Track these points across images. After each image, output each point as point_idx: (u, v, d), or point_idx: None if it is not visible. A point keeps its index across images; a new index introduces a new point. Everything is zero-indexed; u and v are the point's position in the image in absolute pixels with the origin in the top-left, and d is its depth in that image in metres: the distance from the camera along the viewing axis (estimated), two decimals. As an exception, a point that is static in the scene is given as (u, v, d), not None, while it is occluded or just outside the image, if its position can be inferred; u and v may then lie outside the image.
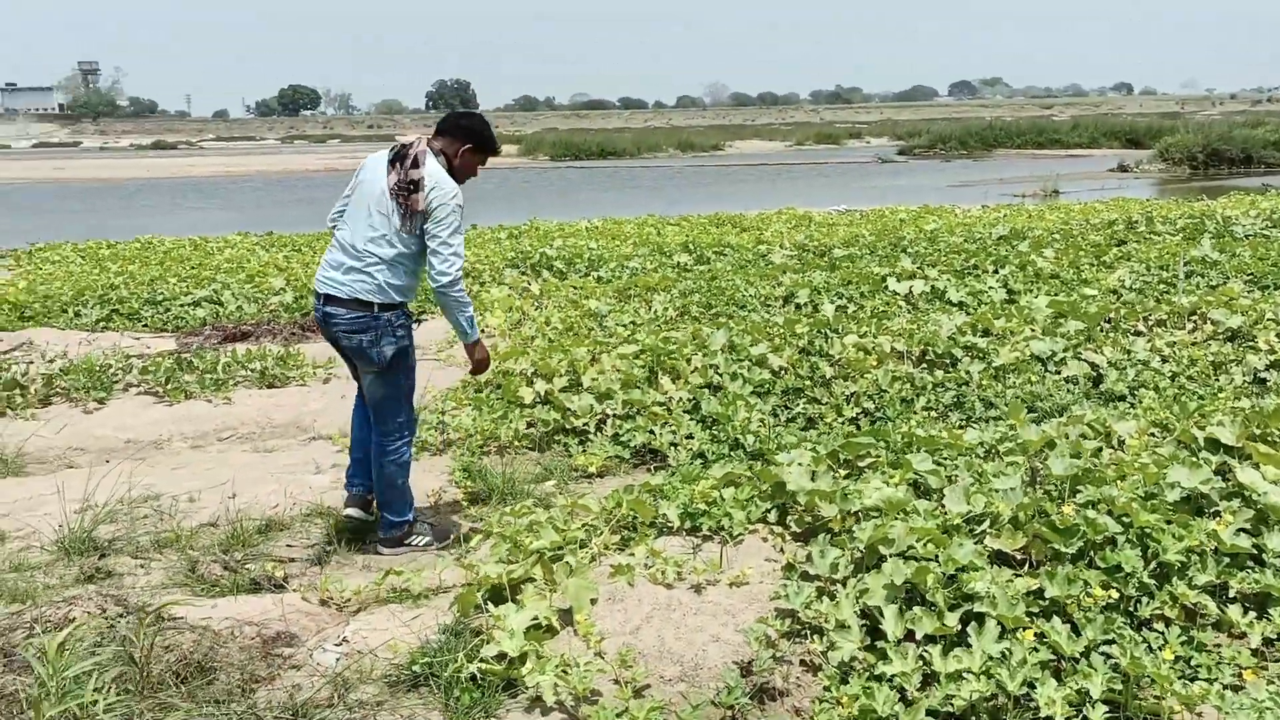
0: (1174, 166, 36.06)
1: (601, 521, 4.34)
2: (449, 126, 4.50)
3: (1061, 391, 6.13)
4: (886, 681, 3.21)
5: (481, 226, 16.86)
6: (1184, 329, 7.20)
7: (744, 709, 3.24)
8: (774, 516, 4.31)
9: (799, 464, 4.50)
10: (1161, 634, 3.37)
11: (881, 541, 3.68)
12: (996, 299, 8.86)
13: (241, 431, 6.45)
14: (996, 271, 9.70)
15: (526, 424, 6.01)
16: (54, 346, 8.28)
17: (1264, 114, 62.64)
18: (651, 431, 5.73)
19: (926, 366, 6.55)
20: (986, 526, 3.80)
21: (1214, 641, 3.40)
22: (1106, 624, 3.33)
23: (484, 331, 8.70)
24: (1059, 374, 6.47)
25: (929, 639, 3.31)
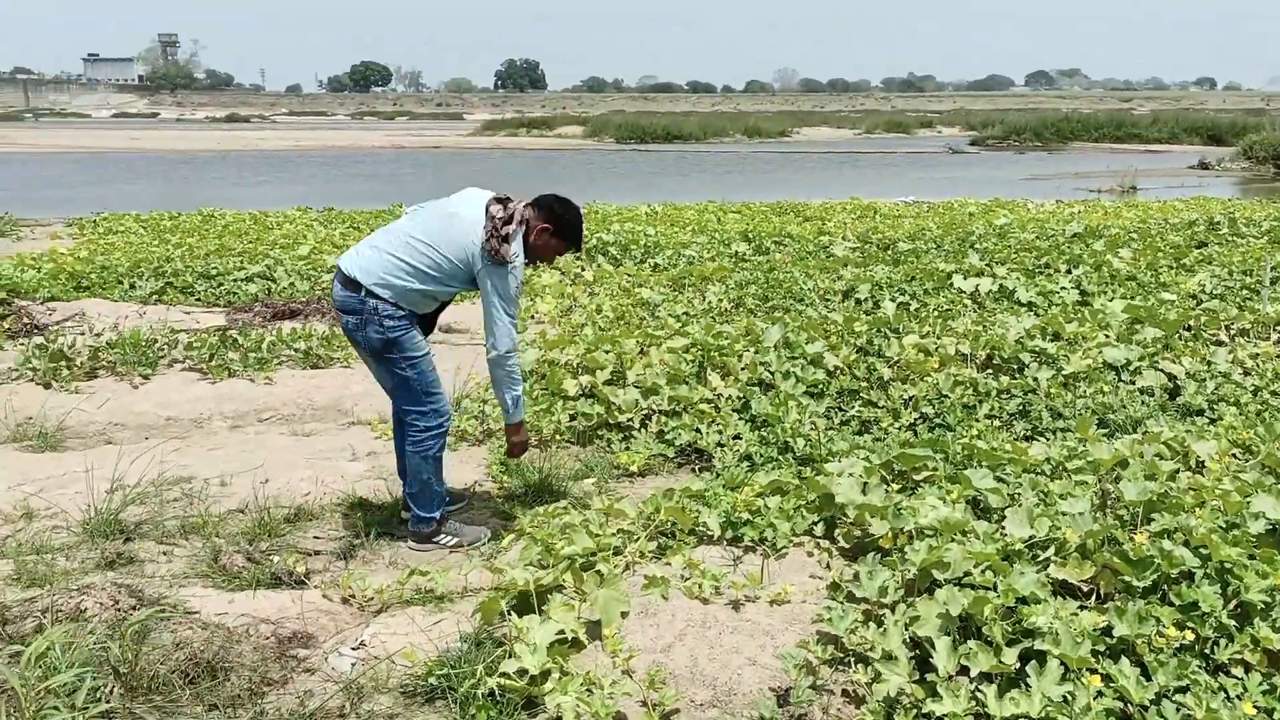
0: (1258, 165, 34.63)
1: (638, 527, 4.14)
2: (545, 203, 4.38)
3: (1135, 403, 5.78)
4: (935, 722, 2.96)
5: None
6: (1269, 339, 6.78)
7: (779, 743, 3.02)
8: (821, 530, 4.08)
9: (850, 474, 4.25)
10: (1241, 681, 3.07)
11: (936, 565, 3.42)
12: (1068, 301, 8.47)
13: (282, 413, 6.34)
14: (1069, 271, 9.29)
15: (569, 417, 5.81)
16: (105, 318, 8.29)
17: (1355, 112, 60.22)
18: (698, 430, 5.50)
19: (991, 371, 6.22)
20: (1051, 554, 3.51)
21: (1301, 693, 3.10)
22: (1180, 668, 3.04)
23: (532, 318, 8.53)
24: (1133, 384, 6.11)
25: (984, 677, 3.05)
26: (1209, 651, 3.15)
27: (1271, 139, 36.16)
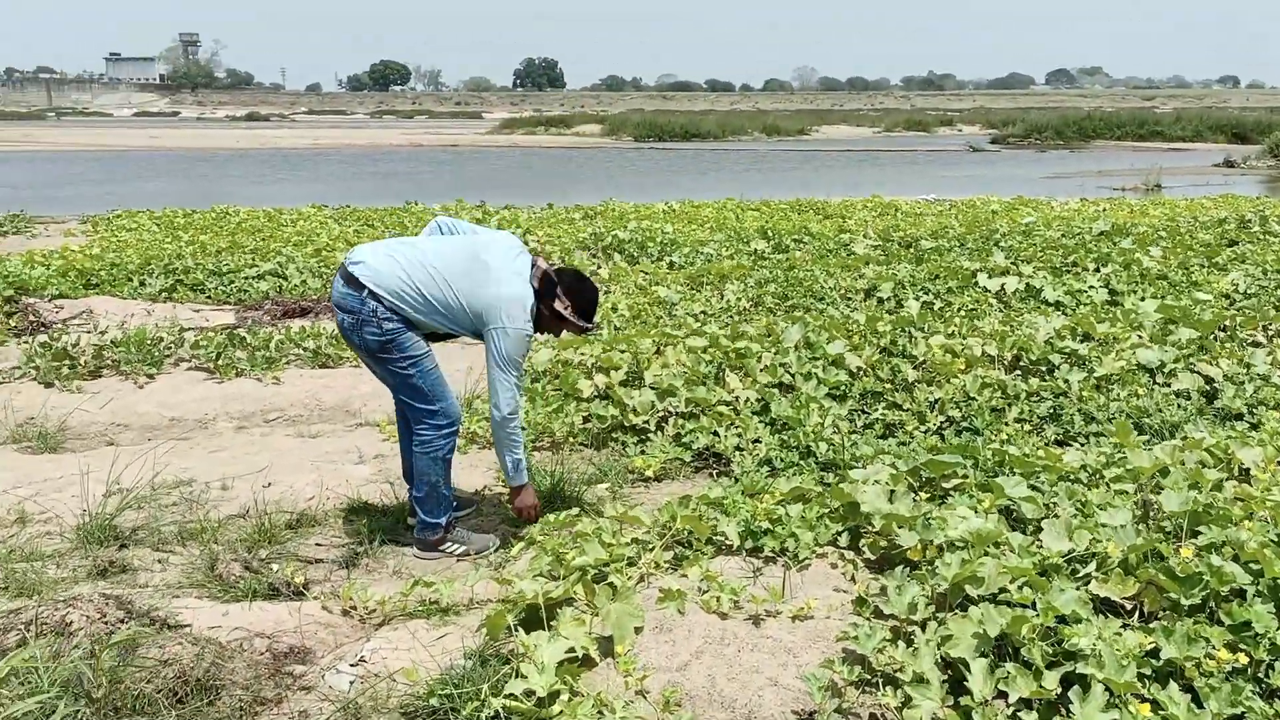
0: (1285, 163, 34.17)
1: (654, 536, 3.95)
2: (566, 282, 4.20)
3: (1171, 407, 5.54)
4: (971, 751, 2.77)
5: (557, 206, 16.52)
6: (1310, 341, 6.52)
7: (802, 772, 2.82)
8: (845, 540, 3.88)
9: (876, 481, 4.05)
10: (1299, 707, 2.86)
11: (969, 580, 3.22)
12: (1097, 300, 8.22)
13: (289, 413, 6.19)
14: (1098, 270, 9.03)
15: (583, 419, 5.63)
16: (113, 316, 8.17)
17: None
18: (715, 433, 5.31)
19: (1020, 373, 6.00)
20: (1092, 569, 3.30)
21: (1365, 722, 2.88)
22: (1233, 694, 2.83)
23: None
24: (1168, 387, 5.88)
25: (1023, 703, 2.85)
26: (1263, 675, 2.94)
27: (1299, 137, 35.63)
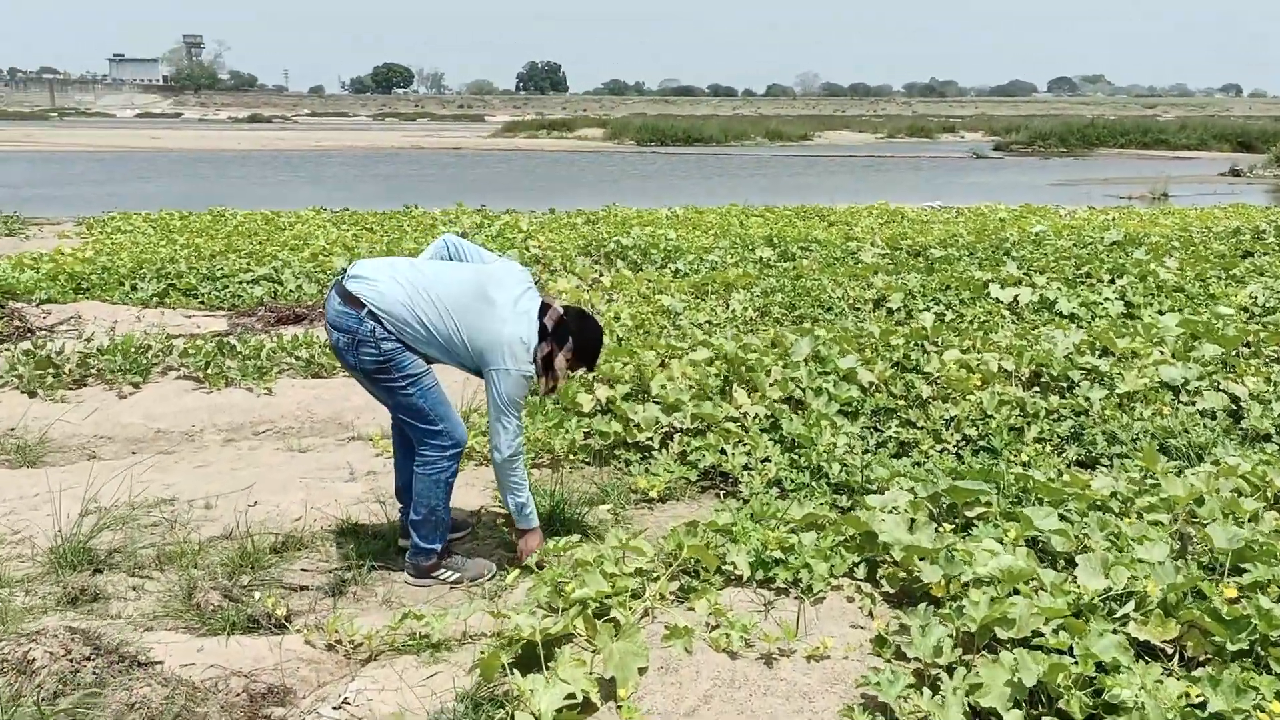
0: (1291, 172, 33.96)
1: (659, 565, 3.73)
2: (570, 317, 4.01)
3: (1198, 428, 5.32)
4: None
5: (559, 211, 16.30)
6: (1337, 357, 6.30)
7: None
8: (862, 572, 3.66)
9: (894, 508, 3.83)
10: (1357, 765, 2.64)
11: (998, 622, 2.99)
12: (1113, 312, 8.00)
13: (279, 425, 5.96)
14: (1113, 281, 8.82)
15: (584, 434, 5.40)
16: (102, 322, 7.95)
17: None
18: (723, 451, 5.08)
19: (1039, 390, 5.78)
20: (1130, 609, 3.08)
21: None
22: (1287, 751, 2.61)
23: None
24: (1193, 406, 5.66)
25: (1060, 760, 2.63)
26: (1318, 729, 2.72)
27: (1305, 146, 35.43)
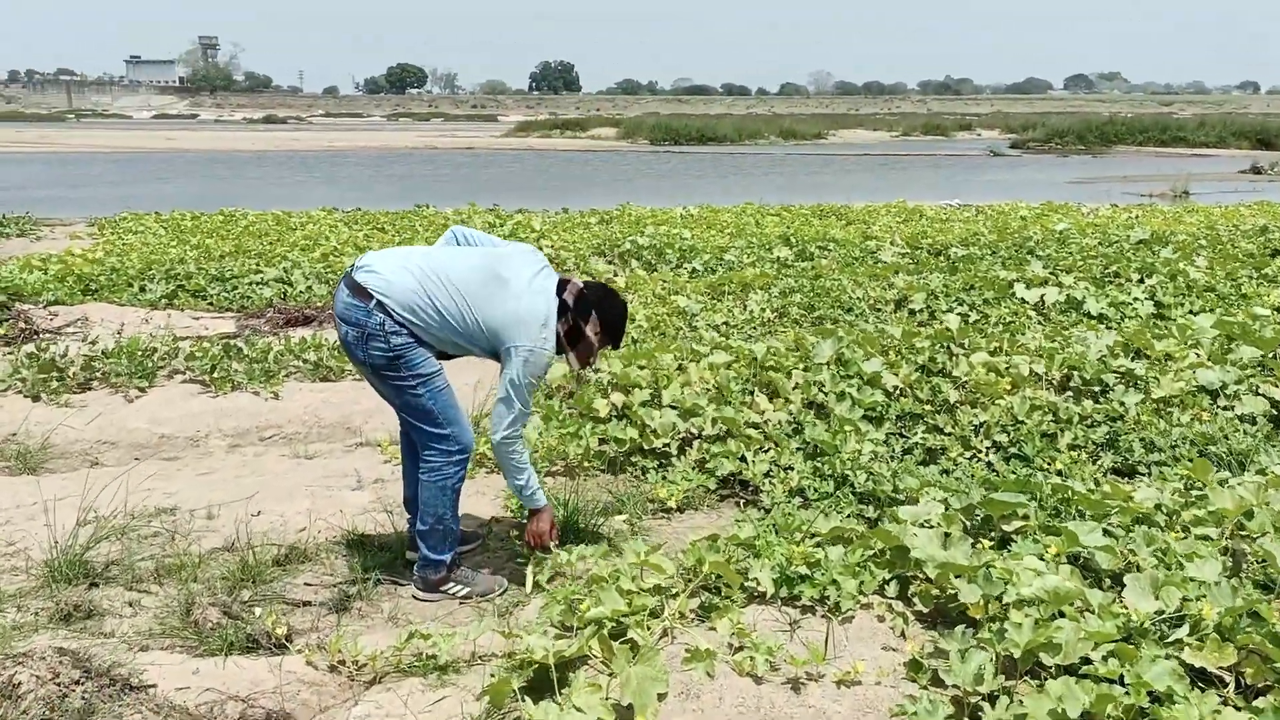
0: (1313, 169, 33.45)
1: (678, 581, 3.55)
2: (591, 290, 3.83)
3: (1237, 434, 5.11)
4: None
5: (572, 211, 16.14)
6: (1379, 360, 6.07)
7: None
8: (893, 589, 3.47)
9: (927, 522, 3.64)
10: None
11: (1044, 648, 2.80)
12: (1143, 313, 7.78)
13: (286, 430, 5.81)
14: (1142, 281, 8.59)
15: (599, 441, 5.22)
16: (109, 324, 7.81)
17: None
18: (743, 458, 4.90)
19: (1071, 394, 5.57)
20: (1184, 633, 2.88)
21: None
22: (1359, 789, 2.41)
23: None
24: (1231, 410, 5.44)
25: (1115, 801, 2.43)
26: (1390, 764, 2.52)
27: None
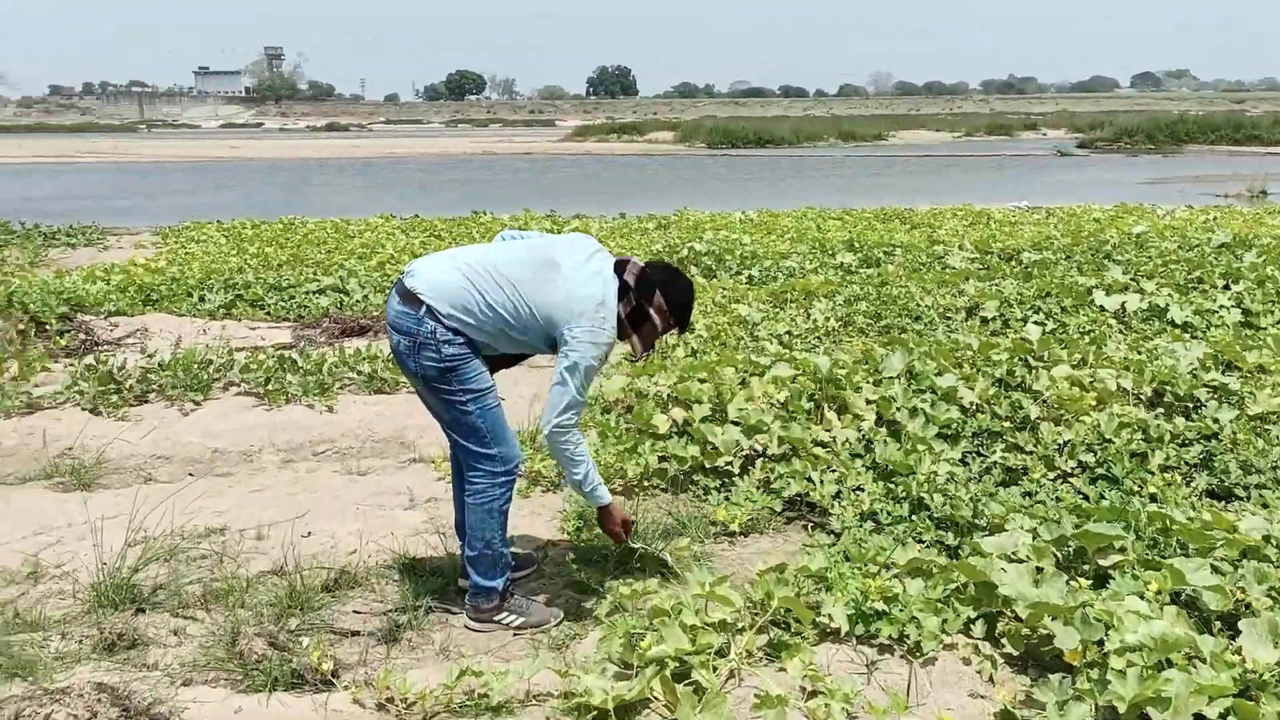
0: (1401, 168, 32.16)
1: (745, 616, 3.33)
2: (656, 271, 3.64)
3: (1344, 454, 4.75)
4: None
5: (629, 216, 15.97)
6: None
7: None
8: (979, 629, 3.21)
9: (1014, 554, 3.38)
10: None
11: (1152, 702, 2.54)
12: (1230, 321, 7.39)
13: (339, 445, 5.69)
14: (1227, 287, 8.17)
15: (659, 459, 5.02)
16: (168, 334, 7.80)
17: None
18: (810, 479, 4.66)
19: (1162, 411, 5.25)
20: (1311, 688, 2.60)
21: None
22: None
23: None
24: (1335, 428, 5.08)
25: None
26: None
27: None
